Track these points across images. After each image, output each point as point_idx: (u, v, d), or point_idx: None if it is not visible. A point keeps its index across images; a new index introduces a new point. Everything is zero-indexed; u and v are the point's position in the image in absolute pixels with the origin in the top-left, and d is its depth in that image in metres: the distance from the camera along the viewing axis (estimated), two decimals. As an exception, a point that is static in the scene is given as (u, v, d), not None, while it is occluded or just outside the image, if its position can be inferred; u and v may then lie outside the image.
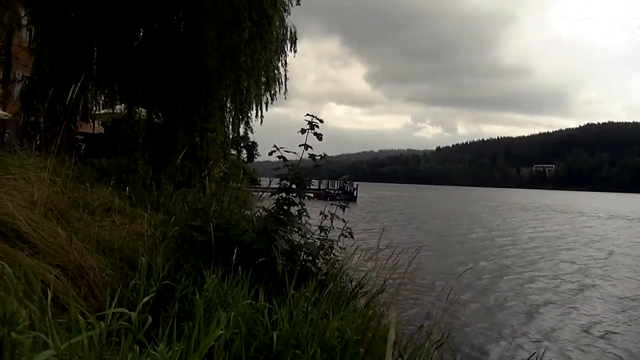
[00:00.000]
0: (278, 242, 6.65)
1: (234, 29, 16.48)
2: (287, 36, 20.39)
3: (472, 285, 18.84)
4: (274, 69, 19.66)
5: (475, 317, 15.23)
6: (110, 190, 10.88)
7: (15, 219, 5.70)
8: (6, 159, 8.32)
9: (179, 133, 15.72)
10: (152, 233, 7.59)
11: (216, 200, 8.17)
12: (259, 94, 19.76)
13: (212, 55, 15.75)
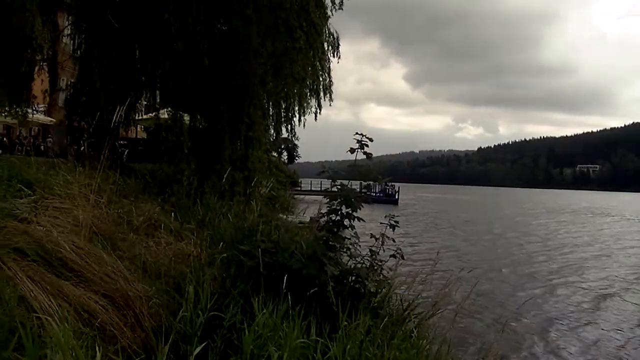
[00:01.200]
0: (328, 266, 6.41)
1: (277, 37, 16.32)
2: (330, 42, 20.17)
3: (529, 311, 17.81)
4: (319, 76, 19.40)
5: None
6: (155, 204, 10.73)
7: (60, 246, 5.56)
8: (51, 177, 8.19)
9: (226, 142, 15.58)
10: (198, 254, 7.41)
11: (263, 221, 7.94)
12: (303, 102, 19.55)
13: (255, 63, 15.58)
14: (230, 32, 16.26)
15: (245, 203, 15.21)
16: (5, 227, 5.59)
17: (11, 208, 6.18)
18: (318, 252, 6.49)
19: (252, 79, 15.80)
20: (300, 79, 17.57)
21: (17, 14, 15.90)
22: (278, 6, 15.88)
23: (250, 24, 15.35)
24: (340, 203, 6.91)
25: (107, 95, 17.19)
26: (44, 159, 13.29)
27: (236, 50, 15.73)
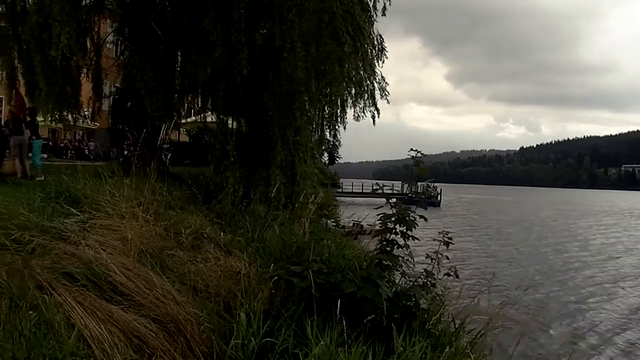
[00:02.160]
0: (383, 289, 6.19)
1: (322, 41, 16.10)
2: (376, 46, 19.85)
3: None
4: (364, 80, 19.09)
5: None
6: (201, 215, 10.61)
7: (110, 269, 5.43)
8: (98, 193, 8.09)
9: (278, 147, 15.41)
10: (247, 271, 7.24)
11: (314, 239, 7.72)
12: (347, 106, 19.29)
13: (300, 67, 15.38)
14: (272, 37, 16.09)
15: (291, 209, 15.11)
16: (53, 249, 5.48)
17: (59, 228, 6.08)
18: (373, 275, 6.27)
19: (297, 83, 15.60)
20: (346, 84, 17.29)
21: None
22: (323, 10, 15.66)
23: (293, 28, 15.16)
24: (396, 222, 6.65)
25: (151, 102, 17.22)
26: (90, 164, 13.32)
27: (279, 54, 15.55)
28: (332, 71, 16.92)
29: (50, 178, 9.01)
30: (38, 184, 14.52)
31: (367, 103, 19.50)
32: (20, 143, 16.79)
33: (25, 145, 17.10)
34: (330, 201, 22.57)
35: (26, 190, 12.19)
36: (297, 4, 15.08)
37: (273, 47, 16.03)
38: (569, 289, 23.74)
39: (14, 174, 16.26)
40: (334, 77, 17.16)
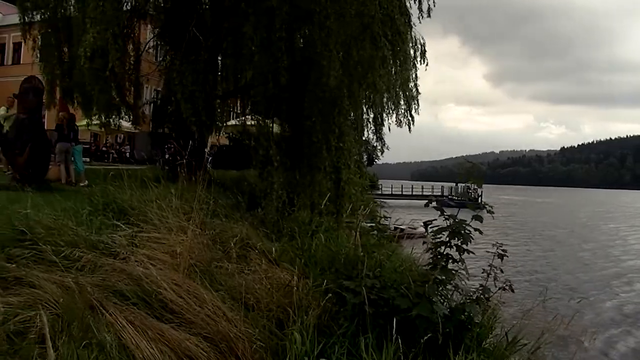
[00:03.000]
0: (438, 306, 5.99)
1: (362, 45, 15.92)
2: (417, 49, 19.62)
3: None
4: (407, 84, 18.83)
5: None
6: (245, 223, 10.49)
7: (160, 286, 5.32)
8: (144, 205, 8.01)
9: (323, 153, 15.28)
10: (296, 284, 7.08)
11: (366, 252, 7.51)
12: (390, 111, 19.06)
13: (341, 71, 15.22)
14: (312, 41, 15.98)
15: (336, 216, 14.96)
16: (102, 265, 5.39)
17: (107, 242, 5.99)
18: (429, 292, 6.08)
19: (339, 89, 15.44)
20: (385, 88, 17.08)
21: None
22: (362, 14, 15.49)
23: (332, 34, 15.00)
24: (451, 235, 6.43)
25: (192, 107, 17.25)
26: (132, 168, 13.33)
27: (320, 60, 15.40)
28: (372, 76, 16.73)
29: (96, 188, 8.94)
30: (82, 190, 14.62)
31: (404, 110, 19.22)
32: (65, 149, 16.94)
33: (69, 152, 17.26)
34: (372, 207, 22.29)
35: (73, 200, 12.27)
36: (337, 10, 14.93)
37: (313, 52, 15.93)
38: (623, 299, 23.14)
39: (58, 180, 16.40)
40: (373, 81, 16.96)
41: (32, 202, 9.86)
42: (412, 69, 19.00)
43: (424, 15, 18.57)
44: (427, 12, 18.33)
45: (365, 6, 15.23)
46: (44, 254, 5.32)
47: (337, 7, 14.85)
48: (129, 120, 25.79)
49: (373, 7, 15.17)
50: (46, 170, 14.53)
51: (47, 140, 14.72)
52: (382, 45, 15.85)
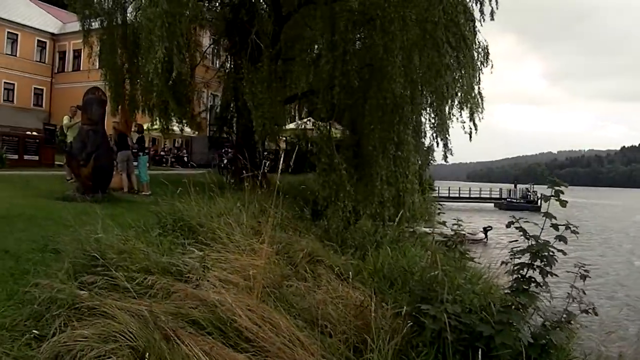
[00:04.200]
0: (522, 333, 5.71)
1: (424, 51, 15.63)
2: (480, 52, 19.10)
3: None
4: (471, 90, 18.32)
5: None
6: (311, 235, 10.32)
7: (235, 313, 5.15)
8: (212, 221, 7.88)
9: (379, 161, 15.03)
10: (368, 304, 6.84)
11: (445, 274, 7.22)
12: (453, 117, 18.60)
13: (403, 78, 14.93)
14: (374, 47, 15.73)
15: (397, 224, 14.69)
16: (175, 291, 5.25)
17: (179, 265, 5.87)
18: (512, 319, 5.79)
19: (400, 97, 15.16)
20: (449, 95, 16.69)
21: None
22: (426, 19, 15.20)
23: (395, 40, 14.73)
24: (533, 257, 6.12)
25: (256, 114, 17.24)
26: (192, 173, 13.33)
27: (381, 66, 15.16)
28: (436, 82, 16.40)
29: (163, 204, 8.86)
30: (145, 201, 14.70)
31: (468, 116, 18.64)
32: (127, 158, 17.06)
33: (131, 160, 17.38)
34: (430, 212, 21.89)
35: (135, 211, 12.31)
36: (400, 15, 14.66)
37: (375, 58, 15.71)
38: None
39: (120, 189, 16.53)
40: (436, 88, 16.63)
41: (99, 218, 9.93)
42: (476, 74, 18.50)
43: (486, 18, 18.15)
44: (490, 15, 17.86)
45: (428, 12, 14.95)
46: (117, 279, 5.22)
47: (400, 12, 14.58)
48: (188, 125, 26.03)
49: (437, 13, 14.88)
50: (109, 180, 14.65)
51: (110, 151, 14.85)
52: (444, 52, 15.54)
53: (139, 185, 17.55)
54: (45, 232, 8.20)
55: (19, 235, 7.76)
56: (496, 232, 32.90)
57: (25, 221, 9.13)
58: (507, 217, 6.66)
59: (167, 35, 15.63)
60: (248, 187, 10.68)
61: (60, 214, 10.29)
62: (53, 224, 9.05)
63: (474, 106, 17.76)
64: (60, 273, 5.27)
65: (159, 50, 15.62)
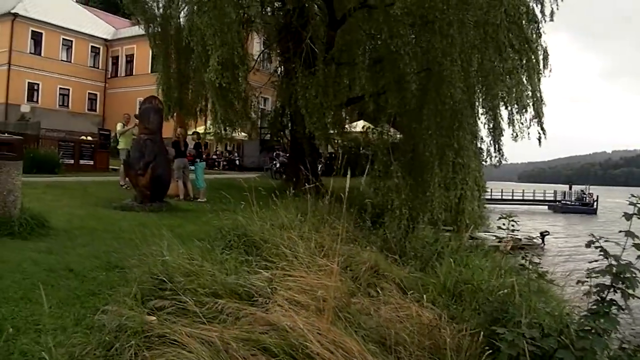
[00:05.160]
0: (600, 356, 5.43)
1: (485, 55, 15.28)
2: (540, 54, 18.48)
3: None
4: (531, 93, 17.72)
5: None
6: (373, 248, 10.09)
7: (306, 338, 4.97)
8: (277, 239, 7.72)
9: (434, 169, 14.74)
10: (437, 323, 6.61)
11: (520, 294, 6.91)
12: (514, 121, 18.05)
13: (460, 85, 14.59)
14: (432, 50, 15.44)
15: (456, 232, 14.39)
16: (245, 316, 5.09)
17: (246, 286, 5.72)
18: (595, 344, 5.50)
19: (461, 102, 14.85)
20: (511, 100, 16.26)
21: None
22: (486, 22, 14.84)
23: (454, 43, 14.43)
24: (615, 280, 5.79)
25: (310, 120, 17.14)
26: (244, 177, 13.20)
27: (440, 70, 14.86)
28: (496, 87, 16.01)
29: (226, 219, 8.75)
30: (201, 208, 14.68)
31: (531, 120, 18.01)
32: (183, 165, 17.09)
33: (187, 167, 17.40)
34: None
35: (192, 220, 12.28)
36: (460, 17, 14.35)
37: (433, 62, 15.44)
38: None
39: (176, 196, 16.56)
40: (497, 92, 16.23)
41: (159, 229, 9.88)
42: (539, 77, 17.91)
43: (547, 19, 17.66)
44: (550, 16, 17.35)
45: (488, 14, 14.60)
46: (185, 304, 5.09)
47: (459, 14, 14.28)
48: (240, 130, 26.06)
49: (498, 15, 14.50)
50: (167, 189, 14.67)
51: (167, 160, 14.87)
52: (506, 56, 15.18)
53: (195, 192, 17.57)
54: (107, 247, 8.16)
55: (81, 251, 7.71)
56: (553, 237, 32.10)
57: (87, 235, 9.11)
58: (563, 221, 6.39)
59: (220, 42, 15.63)
60: (304, 193, 10.59)
61: (120, 225, 10.32)
62: (114, 238, 9.02)
63: (539, 110, 17.17)
64: (128, 298, 5.17)
65: (212, 58, 15.64)
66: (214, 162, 42.60)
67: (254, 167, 45.65)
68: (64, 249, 7.68)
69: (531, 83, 16.64)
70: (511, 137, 16.93)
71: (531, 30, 16.57)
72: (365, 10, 18.08)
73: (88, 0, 74.54)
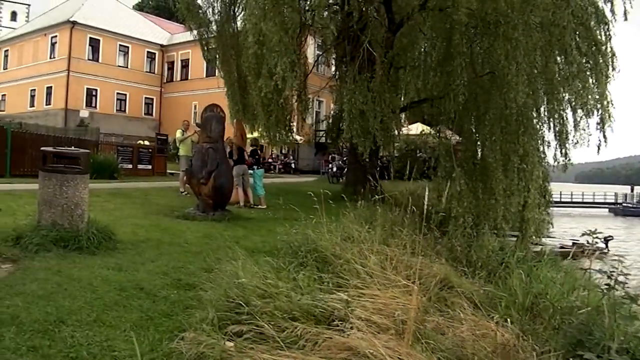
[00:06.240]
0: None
1: (551, 57, 14.85)
2: (608, 57, 17.69)
3: None
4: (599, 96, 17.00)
5: None
6: (443, 260, 9.81)
7: (387, 363, 4.77)
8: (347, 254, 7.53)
9: (498, 175, 14.37)
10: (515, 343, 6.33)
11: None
12: (579, 127, 17.42)
13: (525, 89, 14.18)
14: (495, 53, 15.09)
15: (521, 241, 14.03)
16: (324, 340, 4.91)
17: (322, 307, 5.55)
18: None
19: (525, 105, 14.46)
20: (577, 104, 15.71)
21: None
22: (552, 24, 14.42)
23: (518, 47, 14.05)
24: None
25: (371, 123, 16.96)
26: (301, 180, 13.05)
27: (503, 75, 14.50)
28: (561, 90, 15.55)
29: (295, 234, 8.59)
30: (265, 216, 14.63)
31: (592, 127, 17.33)
32: (243, 172, 17.04)
33: (247, 174, 17.35)
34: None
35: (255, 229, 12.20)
36: (525, 20, 13.97)
37: (496, 65, 15.10)
38: None
39: (236, 203, 16.51)
40: (562, 97, 15.74)
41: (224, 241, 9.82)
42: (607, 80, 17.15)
43: (618, 18, 17.06)
44: (624, 16, 16.60)
45: (555, 15, 14.19)
46: (263, 328, 4.94)
47: (524, 17, 13.90)
48: (296, 134, 26.08)
49: (565, 16, 14.06)
50: (229, 198, 14.63)
51: (229, 168, 14.84)
52: (571, 59, 14.72)
53: (255, 199, 17.51)
54: (175, 262, 8.08)
55: (150, 267, 7.62)
56: (616, 242, 31.04)
57: (153, 248, 9.04)
58: (625, 224, 6.05)
59: (285, 49, 15.57)
60: (368, 200, 10.45)
61: (186, 237, 10.28)
62: (181, 251, 9.00)
63: (604, 116, 16.48)
64: (205, 324, 5.04)
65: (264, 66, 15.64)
66: (270, 165, 42.71)
67: (308, 170, 45.70)
68: (132, 265, 7.61)
69: (598, 87, 15.99)
70: (572, 143, 16.35)
71: (600, 32, 15.95)
72: (425, 13, 17.78)
73: (143, 7, 75.90)
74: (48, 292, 6.09)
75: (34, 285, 6.32)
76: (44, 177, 8.74)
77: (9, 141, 21.03)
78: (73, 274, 6.87)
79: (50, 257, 7.64)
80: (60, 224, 8.50)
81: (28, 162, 21.44)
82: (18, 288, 6.19)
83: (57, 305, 5.69)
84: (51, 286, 6.33)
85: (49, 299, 5.87)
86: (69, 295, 6.08)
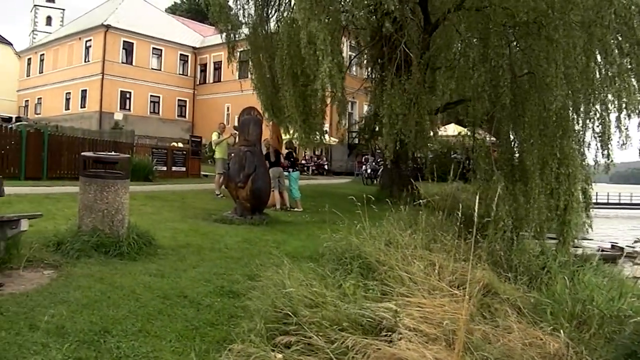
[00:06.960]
0: None
1: (591, 57, 14.54)
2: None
3: None
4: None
5: None
6: (484, 265, 9.63)
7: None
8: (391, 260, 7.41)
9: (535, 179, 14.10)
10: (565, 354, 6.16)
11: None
12: (621, 127, 17.04)
13: (564, 91, 13.88)
14: (534, 56, 14.86)
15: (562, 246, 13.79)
16: (374, 352, 4.81)
17: (369, 316, 5.45)
18: None
19: (564, 107, 14.18)
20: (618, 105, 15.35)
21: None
22: (593, 23, 14.10)
23: (559, 49, 13.76)
24: None
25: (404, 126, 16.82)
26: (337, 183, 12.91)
27: (544, 75, 14.22)
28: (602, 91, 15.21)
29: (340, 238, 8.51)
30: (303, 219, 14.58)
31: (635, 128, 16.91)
32: (279, 175, 17.02)
33: (282, 176, 17.33)
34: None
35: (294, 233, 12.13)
36: (566, 20, 13.69)
37: (535, 66, 14.85)
38: None
39: (273, 206, 16.49)
40: (603, 98, 15.37)
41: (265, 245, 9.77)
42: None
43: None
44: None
45: (597, 15, 13.87)
46: (311, 339, 4.84)
47: (565, 17, 13.63)
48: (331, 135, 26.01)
49: (607, 16, 13.74)
50: (266, 202, 14.62)
51: (267, 171, 14.83)
52: (612, 60, 14.40)
53: (292, 202, 17.49)
54: (217, 267, 8.06)
55: (192, 273, 7.58)
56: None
57: (194, 254, 9.00)
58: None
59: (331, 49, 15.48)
60: (406, 203, 10.34)
61: (226, 242, 10.24)
62: (222, 257, 8.98)
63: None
64: (253, 335, 4.96)
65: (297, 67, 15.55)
66: (303, 167, 42.73)
67: (342, 171, 45.62)
68: (174, 271, 7.57)
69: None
70: (618, 145, 15.98)
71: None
72: (461, 13, 17.58)
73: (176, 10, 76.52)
74: (92, 301, 6.08)
75: (77, 293, 6.31)
76: (84, 182, 8.75)
77: (45, 144, 21.26)
78: (115, 281, 6.85)
79: (91, 264, 7.65)
80: (100, 229, 8.51)
81: (64, 164, 21.75)
82: (62, 296, 6.18)
83: (101, 315, 5.66)
84: (94, 294, 6.31)
85: (93, 308, 5.85)
86: (113, 303, 6.07)
